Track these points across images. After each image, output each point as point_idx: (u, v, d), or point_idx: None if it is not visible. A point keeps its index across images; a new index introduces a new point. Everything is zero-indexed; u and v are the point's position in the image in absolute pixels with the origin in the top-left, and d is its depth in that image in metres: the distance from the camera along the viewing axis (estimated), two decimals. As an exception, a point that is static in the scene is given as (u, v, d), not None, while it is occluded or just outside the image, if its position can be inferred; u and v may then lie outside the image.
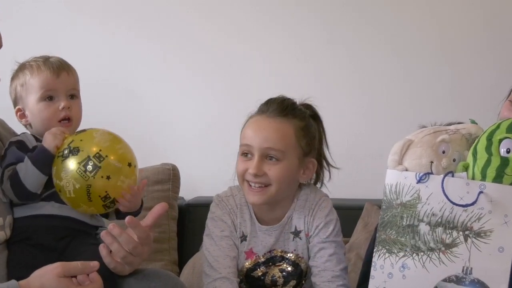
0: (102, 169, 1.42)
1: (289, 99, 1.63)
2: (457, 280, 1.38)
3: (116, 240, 1.37)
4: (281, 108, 1.60)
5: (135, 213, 1.51)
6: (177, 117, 2.30)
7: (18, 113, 1.54)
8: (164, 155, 2.12)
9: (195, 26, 2.29)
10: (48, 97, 1.50)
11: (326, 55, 2.29)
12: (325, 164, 1.72)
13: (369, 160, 1.88)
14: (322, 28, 2.27)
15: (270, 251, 1.63)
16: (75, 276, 1.32)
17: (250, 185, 1.56)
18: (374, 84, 2.24)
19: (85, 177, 1.41)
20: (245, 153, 1.58)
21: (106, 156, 1.43)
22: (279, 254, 1.64)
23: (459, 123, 1.54)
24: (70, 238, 1.49)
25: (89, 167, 1.41)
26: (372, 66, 2.25)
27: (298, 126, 1.61)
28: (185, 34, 2.29)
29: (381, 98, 2.23)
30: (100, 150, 1.43)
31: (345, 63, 2.26)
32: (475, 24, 2.22)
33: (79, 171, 1.41)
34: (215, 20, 2.31)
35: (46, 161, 1.44)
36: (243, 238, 1.63)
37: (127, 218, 1.38)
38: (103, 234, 1.38)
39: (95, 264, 1.32)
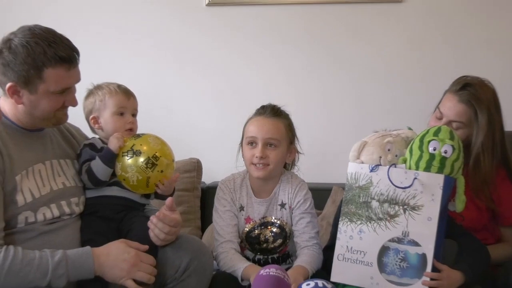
0: (158, 166, 1.43)
1: (276, 105, 1.65)
2: (398, 240, 1.40)
3: (157, 227, 1.38)
4: (274, 111, 1.62)
5: (170, 195, 1.50)
6: (201, 125, 2.26)
7: (92, 120, 1.51)
8: (191, 152, 2.08)
9: (217, 58, 2.28)
10: (120, 113, 1.49)
11: (304, 79, 2.27)
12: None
13: (336, 156, 1.88)
14: (302, 61, 2.25)
15: (263, 217, 1.62)
16: None
17: (255, 165, 1.57)
18: (339, 102, 2.24)
19: (146, 171, 1.42)
20: (250, 143, 1.59)
21: (160, 156, 1.44)
22: (269, 220, 1.62)
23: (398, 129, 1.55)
24: (125, 212, 1.48)
25: (149, 165, 1.42)
26: (341, 88, 2.24)
27: (286, 123, 1.63)
28: (210, 65, 2.26)
29: (342, 113, 2.23)
30: (156, 152, 1.44)
31: (321, 87, 2.24)
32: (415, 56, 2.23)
33: (142, 167, 1.42)
34: (230, 56, 2.29)
35: (111, 159, 1.44)
36: (241, 208, 1.63)
37: (158, 213, 1.40)
38: (149, 224, 1.41)
39: (145, 247, 1.37)
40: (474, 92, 1.59)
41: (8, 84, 1.33)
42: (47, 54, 1.31)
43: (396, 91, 2.18)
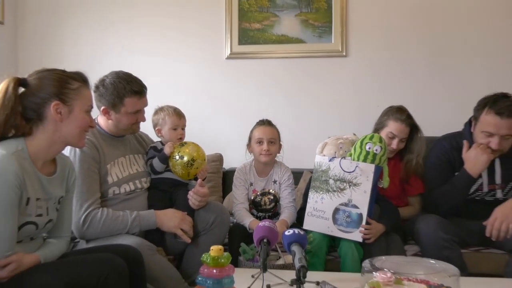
0: (195, 165, 1.43)
1: (269, 119, 1.64)
2: (345, 204, 1.42)
3: (193, 198, 1.40)
4: (270, 122, 1.62)
5: (203, 179, 1.49)
6: (221, 132, 2.06)
7: (157, 131, 1.51)
8: (216, 149, 2.07)
9: (232, 92, 2.24)
10: (174, 128, 1.48)
11: (287, 104, 2.17)
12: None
13: (306, 151, 1.86)
14: (286, 93, 2.16)
15: (263, 189, 1.61)
16: None
17: (263, 155, 1.56)
18: (308, 119, 2.19)
19: (187, 169, 1.43)
20: (259, 142, 1.57)
21: (196, 159, 1.43)
22: (267, 190, 1.61)
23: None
24: (174, 187, 1.49)
25: (189, 165, 1.42)
26: (310, 111, 2.15)
27: (277, 130, 1.62)
28: (227, 96, 2.24)
29: (310, 125, 2.17)
30: (193, 157, 1.42)
31: (298, 110, 2.19)
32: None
33: (184, 166, 1.42)
34: (240, 90, 2.19)
35: (165, 159, 1.45)
36: (250, 184, 1.62)
37: (194, 189, 1.40)
38: (188, 196, 1.40)
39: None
40: (411, 117, 1.61)
41: (102, 107, 1.36)
42: (126, 89, 1.33)
43: (343, 113, 2.13)
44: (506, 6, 2.02)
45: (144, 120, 1.42)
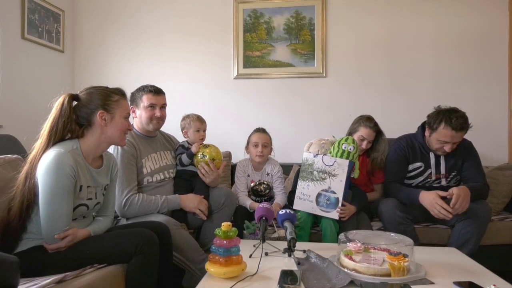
0: (215, 162, 1.41)
1: (263, 127, 1.61)
2: (326, 190, 1.39)
3: (206, 177, 1.38)
4: (264, 130, 1.58)
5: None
6: (229, 136, 2.14)
7: (184, 133, 1.48)
8: (227, 148, 1.98)
9: (238, 104, 2.19)
10: (197, 131, 1.46)
11: (281, 113, 2.15)
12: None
13: (295, 149, 1.83)
14: (280, 104, 2.16)
15: (259, 180, 1.56)
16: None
17: (258, 156, 1.53)
18: (297, 125, 2.04)
19: (207, 165, 1.39)
20: (255, 145, 1.54)
21: (215, 158, 1.41)
22: (262, 181, 1.56)
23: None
24: (194, 177, 1.44)
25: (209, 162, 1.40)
26: (297, 119, 2.12)
27: (270, 136, 1.58)
28: (234, 107, 2.19)
29: (298, 130, 2.13)
30: (213, 157, 1.40)
31: (288, 118, 2.16)
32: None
33: (206, 163, 1.39)
34: (244, 102, 2.17)
35: (191, 156, 1.42)
36: (248, 175, 1.57)
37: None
38: (200, 169, 1.40)
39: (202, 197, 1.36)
40: (377, 124, 1.59)
41: (131, 107, 1.35)
42: (144, 90, 1.34)
43: (323, 120, 2.12)
44: (447, 41, 2.06)
45: (159, 115, 1.35)
